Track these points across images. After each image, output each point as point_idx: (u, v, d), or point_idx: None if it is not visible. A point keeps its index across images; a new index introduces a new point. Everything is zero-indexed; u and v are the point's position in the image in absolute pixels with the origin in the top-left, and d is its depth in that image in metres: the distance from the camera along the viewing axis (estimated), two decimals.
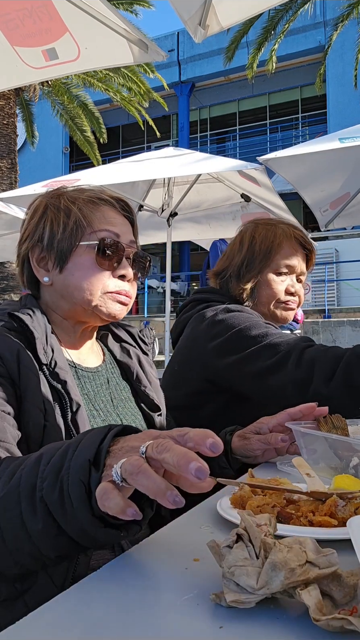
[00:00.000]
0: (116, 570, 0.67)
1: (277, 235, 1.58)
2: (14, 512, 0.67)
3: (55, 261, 1.06)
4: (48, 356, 0.97)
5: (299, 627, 0.52)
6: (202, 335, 1.47)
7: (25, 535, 0.67)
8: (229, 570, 0.54)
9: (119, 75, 10.89)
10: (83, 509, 0.63)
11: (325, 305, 12.38)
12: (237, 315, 1.44)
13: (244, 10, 2.14)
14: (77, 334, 1.11)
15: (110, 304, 1.06)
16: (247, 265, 1.57)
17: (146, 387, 1.17)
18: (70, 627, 0.54)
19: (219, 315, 1.46)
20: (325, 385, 1.24)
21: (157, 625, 0.54)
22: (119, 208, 1.12)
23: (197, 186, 4.76)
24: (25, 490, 0.68)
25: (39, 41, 2.18)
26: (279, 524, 0.73)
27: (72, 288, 1.05)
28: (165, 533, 0.79)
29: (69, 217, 1.06)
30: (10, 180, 9.37)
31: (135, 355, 1.21)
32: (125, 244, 1.09)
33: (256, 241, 1.58)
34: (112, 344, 1.21)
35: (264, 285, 1.58)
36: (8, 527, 0.68)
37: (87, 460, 0.63)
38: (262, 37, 11.98)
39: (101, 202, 1.09)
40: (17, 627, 0.54)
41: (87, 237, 1.05)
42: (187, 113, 21.55)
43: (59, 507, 0.65)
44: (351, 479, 0.87)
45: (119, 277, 1.07)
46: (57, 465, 0.66)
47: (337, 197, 4.07)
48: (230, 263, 1.61)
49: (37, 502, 0.66)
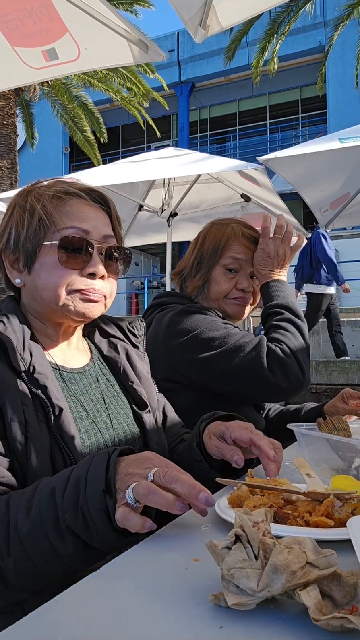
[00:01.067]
0: (116, 570, 0.67)
1: (226, 234, 1.64)
2: (43, 543, 0.75)
3: (23, 262, 1.03)
4: (26, 362, 0.94)
5: (299, 627, 0.52)
6: (160, 337, 1.52)
7: (58, 560, 0.76)
8: (229, 573, 0.54)
9: (119, 76, 10.88)
10: (107, 530, 0.73)
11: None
12: (193, 317, 1.49)
13: (245, 11, 2.14)
14: (59, 335, 1.07)
15: (78, 303, 1.02)
16: (198, 264, 1.64)
17: (133, 382, 1.14)
18: (70, 627, 0.54)
19: (174, 318, 1.51)
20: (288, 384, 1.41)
21: (157, 625, 0.53)
22: (89, 200, 1.06)
23: (197, 186, 4.76)
24: (48, 523, 0.75)
25: (39, 41, 2.18)
26: (276, 524, 0.74)
27: (40, 289, 1.02)
28: (165, 533, 0.79)
29: (33, 216, 1.02)
30: (10, 181, 9.37)
31: (123, 349, 1.18)
32: (97, 240, 1.04)
33: (206, 241, 1.65)
34: (99, 340, 1.18)
35: (212, 282, 1.63)
36: (39, 556, 0.76)
37: (100, 491, 0.73)
38: (265, 40, 11.97)
39: (68, 197, 1.04)
40: (17, 627, 0.54)
41: (51, 236, 1.01)
42: (187, 113, 21.55)
43: (84, 531, 0.74)
44: (349, 479, 0.87)
45: (88, 275, 1.03)
46: (74, 497, 0.75)
47: (337, 198, 4.08)
48: (187, 263, 1.68)
49: (64, 531, 0.74)
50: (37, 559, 0.76)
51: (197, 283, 1.63)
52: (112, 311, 1.16)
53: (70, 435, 0.92)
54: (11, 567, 0.76)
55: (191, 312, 1.51)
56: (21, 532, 0.76)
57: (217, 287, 1.62)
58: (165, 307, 1.62)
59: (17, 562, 0.76)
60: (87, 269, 1.02)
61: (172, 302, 1.63)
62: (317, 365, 7.25)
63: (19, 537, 0.76)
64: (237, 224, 1.67)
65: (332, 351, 7.56)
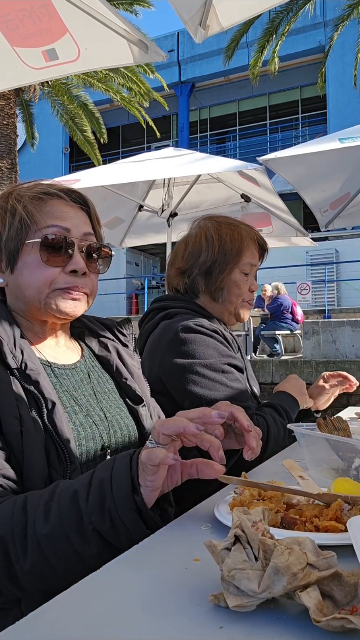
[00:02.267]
0: (116, 570, 0.67)
1: (244, 237, 1.63)
2: (64, 546, 0.76)
3: (6, 262, 1.05)
4: (17, 359, 0.96)
5: (300, 627, 0.52)
6: (161, 347, 1.50)
7: (79, 562, 0.76)
8: (229, 574, 0.53)
9: (119, 76, 10.88)
10: (139, 529, 0.76)
11: (325, 306, 12.38)
12: (197, 341, 1.46)
13: (245, 11, 2.14)
14: (45, 333, 1.09)
15: (60, 301, 1.04)
16: (220, 265, 1.59)
17: (127, 379, 1.16)
18: (70, 627, 0.54)
19: (179, 335, 1.47)
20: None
21: (157, 625, 0.53)
22: (69, 200, 1.09)
23: (197, 186, 4.76)
24: (70, 526, 0.76)
25: (39, 41, 2.18)
26: (283, 529, 0.73)
27: (22, 287, 1.04)
28: (165, 533, 0.79)
29: (14, 216, 1.04)
30: (10, 181, 9.36)
31: (113, 348, 1.20)
32: (77, 238, 1.06)
33: (226, 241, 1.61)
34: (89, 340, 1.20)
35: (233, 285, 1.62)
36: (59, 559, 0.77)
37: (128, 492, 0.76)
38: (264, 39, 11.97)
39: (48, 197, 1.06)
40: (17, 627, 0.54)
41: (32, 235, 1.03)
42: (187, 113, 21.55)
43: (112, 532, 0.76)
44: (350, 482, 0.86)
45: (70, 272, 1.05)
46: (99, 501, 0.77)
47: (337, 198, 4.07)
48: (196, 261, 1.61)
49: (89, 534, 0.76)
50: (56, 561, 0.76)
51: (218, 285, 1.60)
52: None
53: (64, 428, 0.94)
54: (27, 570, 0.76)
55: (197, 332, 1.48)
56: (40, 534, 0.76)
57: (237, 290, 1.62)
58: (170, 312, 1.59)
59: (34, 564, 0.76)
60: (68, 266, 1.05)
61: (178, 307, 1.60)
62: (317, 365, 7.25)
63: (37, 539, 0.76)
64: (245, 225, 1.67)
65: (332, 351, 7.57)
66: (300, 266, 13.58)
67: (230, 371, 1.47)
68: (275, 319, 9.59)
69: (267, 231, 5.18)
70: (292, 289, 11.94)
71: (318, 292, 13.49)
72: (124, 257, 16.89)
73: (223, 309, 1.64)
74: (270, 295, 10.05)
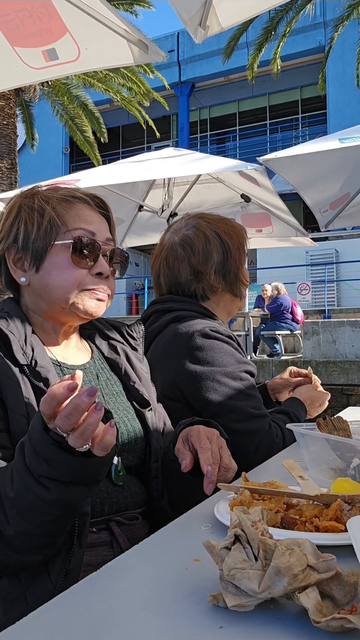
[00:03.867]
0: (116, 570, 0.67)
1: (238, 229, 1.65)
2: (30, 498, 0.79)
3: (31, 261, 1.06)
4: (28, 356, 0.98)
5: (299, 627, 0.52)
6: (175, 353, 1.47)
7: (49, 509, 0.80)
8: (229, 574, 0.53)
9: (119, 76, 10.88)
10: (64, 457, 0.77)
11: (325, 306, 12.38)
12: (215, 348, 1.45)
13: (245, 11, 2.14)
14: (59, 334, 1.11)
15: (87, 301, 1.06)
16: (235, 260, 1.60)
17: (135, 383, 1.18)
18: (70, 627, 0.54)
19: (197, 340, 1.44)
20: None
21: (156, 625, 0.54)
22: (94, 205, 1.12)
23: (197, 187, 4.76)
24: (27, 479, 0.80)
25: (39, 41, 2.18)
26: (283, 529, 0.73)
27: (49, 287, 1.05)
28: (165, 533, 0.79)
29: (43, 216, 1.06)
30: (10, 181, 9.36)
31: (122, 351, 1.22)
32: (102, 242, 1.09)
33: (231, 236, 1.61)
34: (99, 342, 1.22)
35: (246, 277, 1.65)
36: (31, 511, 0.80)
37: (41, 429, 0.78)
38: (263, 38, 11.97)
39: (75, 200, 1.09)
40: (17, 627, 0.54)
41: (62, 236, 1.05)
42: (187, 113, 21.55)
43: (53, 472, 0.78)
44: (349, 482, 0.86)
45: (96, 274, 1.08)
46: (31, 449, 0.80)
47: (337, 198, 4.07)
48: (211, 261, 1.57)
49: (42, 480, 0.79)
50: (30, 515, 0.80)
51: (240, 280, 1.62)
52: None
53: None
54: (15, 533, 0.81)
55: (214, 338, 1.46)
56: (10, 497, 0.81)
57: (244, 282, 1.66)
58: (179, 315, 1.54)
59: (16, 525, 0.81)
60: (95, 268, 1.07)
61: (185, 310, 1.56)
62: (317, 365, 7.25)
63: (11, 502, 0.81)
64: (229, 219, 1.69)
65: (332, 351, 7.56)
66: (300, 266, 13.58)
67: (247, 379, 1.48)
68: (275, 319, 9.59)
69: (267, 231, 5.18)
70: (292, 289, 11.94)
71: (318, 292, 13.49)
72: None
73: (234, 304, 1.65)
74: (270, 295, 10.05)
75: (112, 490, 1.03)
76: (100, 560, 0.93)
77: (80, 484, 0.81)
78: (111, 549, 0.98)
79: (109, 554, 0.97)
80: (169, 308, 1.59)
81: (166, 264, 1.62)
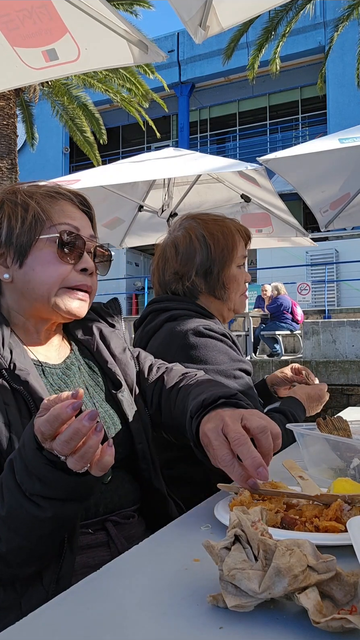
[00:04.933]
0: (115, 570, 0.67)
1: (232, 230, 1.63)
2: (23, 516, 0.78)
3: (14, 257, 1.03)
4: (6, 359, 0.96)
5: (299, 627, 0.52)
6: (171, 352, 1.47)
7: (43, 525, 0.79)
8: (230, 574, 0.53)
9: (119, 76, 10.89)
10: (59, 477, 0.76)
11: (325, 306, 12.37)
12: (208, 346, 1.45)
13: (245, 11, 2.14)
14: (41, 333, 1.08)
15: (67, 300, 1.04)
16: (218, 263, 1.59)
17: (107, 362, 1.15)
18: (70, 628, 0.54)
19: (191, 339, 1.45)
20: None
21: (156, 625, 0.53)
22: (77, 203, 1.11)
23: (197, 187, 4.76)
24: (19, 496, 0.78)
25: (39, 42, 2.18)
26: (283, 530, 0.72)
27: (32, 283, 1.03)
28: (165, 533, 0.79)
29: (27, 211, 1.04)
30: (10, 181, 9.36)
31: (97, 329, 1.19)
32: (86, 238, 1.08)
33: (219, 238, 1.60)
34: (73, 326, 1.19)
35: (232, 281, 1.62)
36: (25, 529, 0.79)
37: (35, 449, 0.76)
38: (263, 38, 11.98)
39: (59, 196, 1.08)
40: (17, 628, 0.54)
41: (47, 230, 1.03)
42: (187, 113, 21.55)
43: (47, 490, 0.77)
44: (349, 482, 0.86)
45: (80, 270, 1.06)
46: (23, 467, 0.78)
47: (337, 198, 4.07)
48: (192, 263, 1.58)
49: (35, 499, 0.77)
50: (23, 531, 0.79)
51: (220, 283, 1.60)
52: None
53: None
54: (6, 550, 0.80)
55: (208, 337, 1.47)
56: (1, 515, 0.79)
57: (236, 285, 1.63)
58: (174, 314, 1.56)
59: (8, 542, 0.79)
60: (80, 264, 1.06)
61: (181, 309, 1.57)
62: (317, 365, 7.25)
63: (2, 520, 0.79)
64: (229, 219, 1.68)
65: (332, 351, 7.56)
66: (300, 266, 13.57)
67: (242, 376, 1.47)
68: (275, 319, 9.59)
69: (267, 231, 5.18)
70: (292, 289, 11.93)
71: (318, 292, 13.49)
72: (124, 257, 16.88)
73: (223, 306, 1.64)
74: (270, 295, 10.05)
75: (106, 490, 1.02)
76: (98, 562, 0.92)
77: (75, 501, 0.80)
78: (108, 549, 0.97)
79: (107, 555, 0.96)
80: (165, 307, 1.60)
81: (157, 265, 1.68)
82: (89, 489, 0.80)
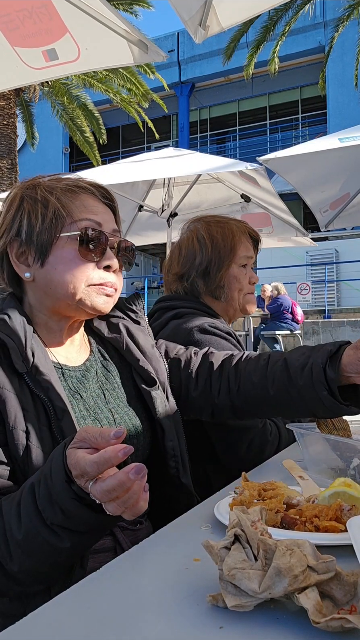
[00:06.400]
0: (116, 570, 0.67)
1: (234, 232, 1.65)
2: (40, 543, 0.76)
3: (35, 255, 1.00)
4: (28, 363, 0.92)
5: (299, 627, 0.52)
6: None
7: (60, 553, 0.77)
8: (230, 574, 0.53)
9: (119, 77, 10.88)
10: (88, 514, 0.74)
11: (325, 306, 12.38)
12: (214, 343, 1.45)
13: (245, 11, 2.14)
14: (63, 331, 1.05)
15: (94, 297, 1.01)
16: (216, 263, 1.61)
17: (139, 360, 1.12)
18: (70, 627, 0.54)
19: (195, 335, 1.46)
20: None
21: (157, 625, 0.54)
22: (99, 195, 1.06)
23: (197, 186, 4.76)
24: (38, 524, 0.76)
25: (39, 42, 2.18)
26: (283, 529, 0.72)
27: (55, 282, 0.99)
28: (165, 533, 0.79)
29: (47, 207, 1.00)
30: (10, 181, 9.36)
31: (124, 327, 1.16)
32: (108, 233, 1.03)
33: (217, 239, 1.62)
34: (98, 323, 1.15)
35: (233, 280, 1.64)
36: (41, 554, 0.77)
37: (64, 482, 0.73)
38: (261, 37, 11.97)
39: (80, 190, 1.03)
40: (17, 627, 0.54)
41: (68, 227, 1.00)
42: (187, 113, 21.54)
43: (69, 522, 0.75)
44: (350, 483, 0.86)
45: (104, 268, 1.02)
46: (46, 495, 0.75)
47: (337, 198, 4.07)
48: (192, 264, 1.63)
49: (55, 529, 0.75)
50: (39, 557, 0.77)
51: (218, 283, 1.62)
52: None
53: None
54: (17, 570, 0.78)
55: (212, 334, 1.48)
56: (17, 537, 0.77)
57: (238, 284, 1.64)
58: (180, 312, 1.58)
59: (21, 564, 0.77)
60: (103, 261, 1.02)
61: (186, 307, 1.59)
62: None
63: (16, 542, 0.77)
64: (234, 220, 1.70)
65: None
66: (300, 266, 13.57)
67: None
68: (275, 319, 9.59)
69: (267, 231, 5.18)
70: (292, 289, 11.93)
71: (318, 292, 13.49)
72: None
73: (227, 306, 1.65)
74: (270, 295, 10.05)
75: None
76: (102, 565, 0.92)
77: (96, 533, 0.79)
78: (115, 555, 0.96)
79: (112, 558, 0.95)
80: (171, 306, 1.63)
81: (165, 265, 1.74)
82: (111, 524, 0.79)
